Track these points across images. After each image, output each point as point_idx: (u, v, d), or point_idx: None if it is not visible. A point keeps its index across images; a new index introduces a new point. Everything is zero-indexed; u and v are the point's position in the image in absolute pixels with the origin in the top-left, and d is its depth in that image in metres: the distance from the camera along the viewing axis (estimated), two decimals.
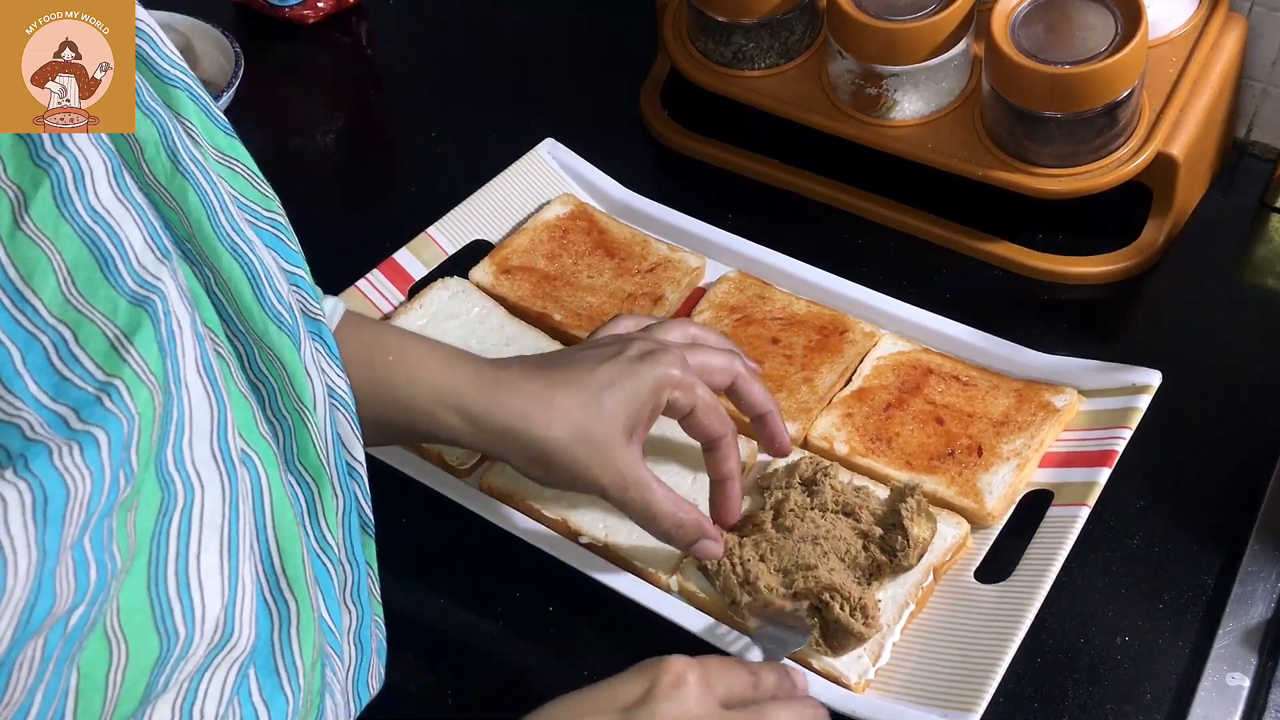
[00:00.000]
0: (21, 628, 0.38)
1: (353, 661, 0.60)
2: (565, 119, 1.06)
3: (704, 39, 1.02)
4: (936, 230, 0.97)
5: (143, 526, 0.44)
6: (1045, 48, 0.87)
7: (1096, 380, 0.83)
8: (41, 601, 0.38)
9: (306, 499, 0.55)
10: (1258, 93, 1.00)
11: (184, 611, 0.45)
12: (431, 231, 0.95)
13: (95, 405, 0.41)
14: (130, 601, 0.44)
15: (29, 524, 0.38)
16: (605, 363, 0.69)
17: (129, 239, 0.45)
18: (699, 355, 0.73)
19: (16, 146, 0.43)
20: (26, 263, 0.42)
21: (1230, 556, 0.77)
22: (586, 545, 0.77)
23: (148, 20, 0.53)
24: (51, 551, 0.38)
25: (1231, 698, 0.71)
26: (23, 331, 0.41)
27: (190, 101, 0.54)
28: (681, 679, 0.55)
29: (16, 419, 0.40)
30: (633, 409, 0.69)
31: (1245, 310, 0.93)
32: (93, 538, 0.40)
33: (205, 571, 0.46)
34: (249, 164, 0.57)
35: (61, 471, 0.39)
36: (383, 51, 1.22)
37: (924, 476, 0.79)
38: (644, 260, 0.94)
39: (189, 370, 0.46)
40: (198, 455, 0.46)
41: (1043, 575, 0.73)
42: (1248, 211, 0.99)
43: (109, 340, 0.43)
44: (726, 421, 0.72)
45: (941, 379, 0.84)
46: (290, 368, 0.54)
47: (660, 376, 0.69)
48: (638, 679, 0.56)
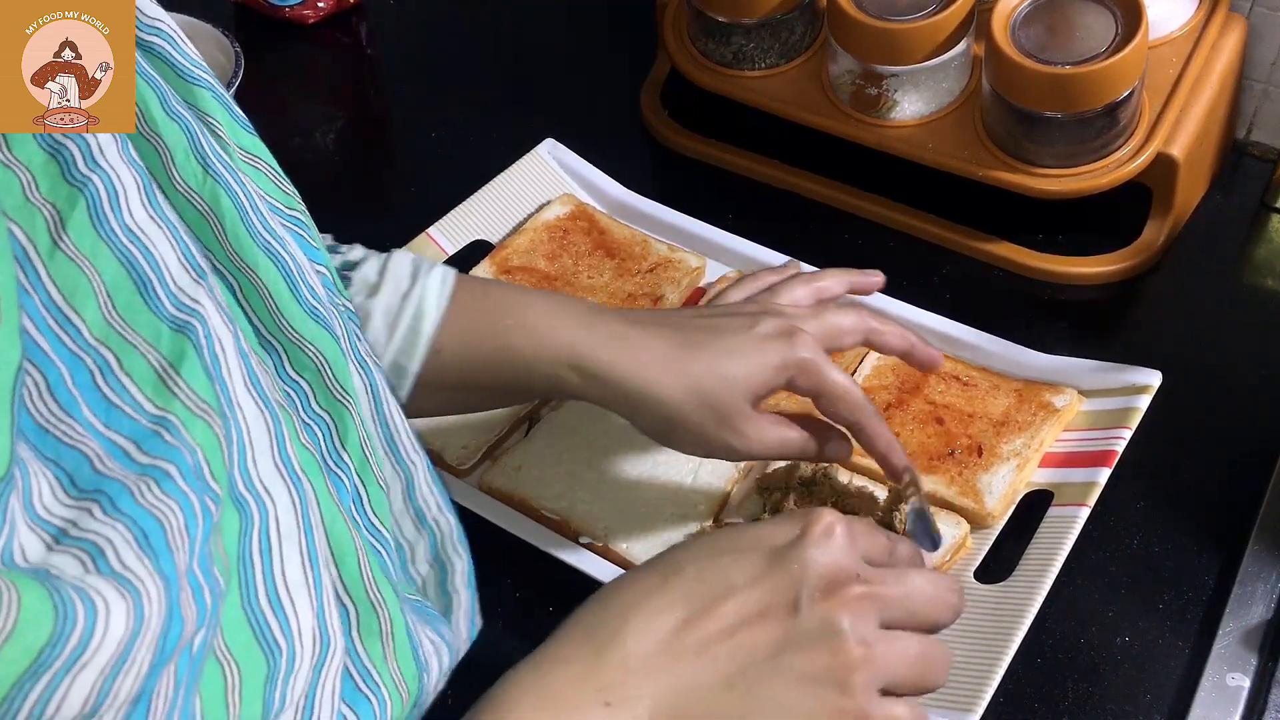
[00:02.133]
0: (159, 655, 0.38)
1: (465, 602, 0.61)
2: (565, 119, 1.06)
3: (704, 39, 1.02)
4: (936, 230, 0.97)
5: (228, 549, 0.44)
6: (1045, 48, 0.88)
7: (1096, 380, 0.83)
8: (173, 628, 0.39)
9: (352, 491, 0.55)
10: (1258, 93, 1.00)
11: (281, 626, 0.46)
12: (431, 231, 0.96)
13: (155, 439, 0.41)
14: (231, 623, 0.44)
15: (142, 557, 0.38)
16: (736, 333, 0.69)
17: (164, 259, 0.45)
18: (828, 317, 0.72)
19: (48, 164, 0.42)
20: (68, 283, 0.41)
21: (1230, 556, 0.77)
22: (586, 545, 0.77)
23: (167, 20, 0.53)
24: (172, 578, 0.39)
25: (1231, 698, 0.71)
26: (68, 352, 0.41)
27: (214, 100, 0.54)
28: (831, 529, 0.54)
29: (79, 444, 0.40)
30: (756, 383, 0.68)
31: (1245, 310, 0.93)
32: (200, 563, 0.41)
33: (293, 585, 0.47)
34: (271, 161, 0.57)
35: (149, 508, 0.39)
36: (383, 51, 1.22)
37: (924, 476, 0.79)
38: (644, 260, 0.94)
39: (239, 390, 0.46)
40: (263, 472, 0.47)
41: (1043, 575, 0.73)
42: (1248, 212, 0.99)
43: (155, 371, 0.43)
44: (860, 407, 0.70)
45: (941, 379, 0.84)
46: (332, 360, 0.54)
47: (786, 358, 0.68)
48: (788, 524, 0.55)
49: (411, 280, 0.69)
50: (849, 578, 0.53)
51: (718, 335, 0.69)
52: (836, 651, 0.51)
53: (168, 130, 0.50)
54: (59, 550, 0.37)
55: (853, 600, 0.52)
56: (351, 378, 0.55)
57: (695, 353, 0.68)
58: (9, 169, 0.41)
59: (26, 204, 0.42)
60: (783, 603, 0.52)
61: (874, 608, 0.53)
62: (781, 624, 0.52)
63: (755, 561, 0.53)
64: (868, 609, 0.53)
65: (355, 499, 0.55)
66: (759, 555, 0.54)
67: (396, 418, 0.58)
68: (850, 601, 0.52)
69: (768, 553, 0.54)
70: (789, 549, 0.54)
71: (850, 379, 0.70)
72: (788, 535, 0.54)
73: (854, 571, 0.54)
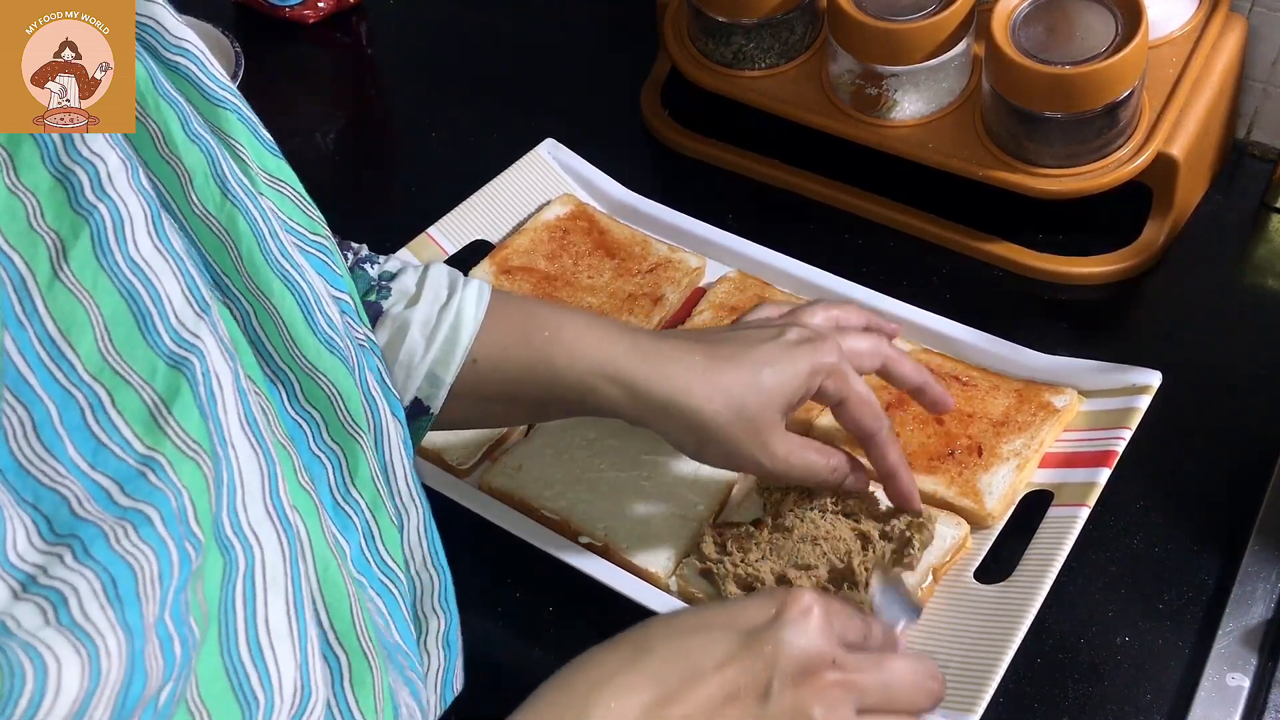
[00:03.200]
0: (118, 710, 0.37)
1: (441, 663, 0.60)
2: (565, 119, 1.06)
3: (704, 39, 1.02)
4: (936, 230, 0.97)
5: (209, 595, 0.43)
6: (1045, 48, 0.87)
7: (1096, 380, 0.83)
8: (135, 683, 0.37)
9: (363, 527, 0.54)
10: (1258, 93, 1.00)
11: (260, 678, 0.44)
12: (431, 231, 0.96)
13: (139, 480, 0.40)
14: (207, 673, 0.43)
15: (106, 608, 0.37)
16: (765, 344, 0.70)
17: (167, 293, 0.44)
18: (846, 340, 0.73)
19: (55, 190, 0.42)
20: (64, 316, 0.41)
21: (1230, 556, 0.77)
22: (586, 545, 0.77)
23: (194, 40, 0.52)
24: (137, 631, 0.38)
25: (1231, 698, 0.71)
26: (59, 388, 0.40)
27: (239, 123, 0.53)
28: (808, 611, 0.53)
29: (60, 486, 0.39)
30: (789, 391, 0.69)
31: (1245, 310, 0.93)
32: (172, 613, 0.40)
33: (275, 634, 0.45)
34: (296, 185, 0.56)
35: (123, 555, 0.38)
36: (383, 51, 1.22)
37: (924, 476, 0.79)
38: (644, 260, 0.94)
39: (233, 429, 0.45)
40: (253, 516, 0.45)
41: (1043, 575, 0.73)
42: (1248, 211, 0.99)
43: (147, 407, 0.42)
44: (880, 418, 0.72)
45: (942, 379, 0.84)
46: (345, 393, 0.53)
47: (816, 363, 0.69)
48: (763, 604, 0.54)
49: (449, 291, 0.70)
50: (824, 664, 0.52)
51: (748, 347, 0.69)
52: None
53: (188, 153, 0.49)
54: (23, 599, 0.36)
55: (827, 688, 0.51)
56: (363, 412, 0.54)
57: (727, 365, 0.68)
58: (14, 195, 0.41)
59: (30, 232, 0.41)
60: (754, 688, 0.51)
61: (849, 695, 0.52)
62: (751, 710, 0.51)
63: (727, 642, 0.52)
64: (842, 697, 0.52)
65: (367, 536, 0.54)
66: (732, 636, 0.52)
67: (397, 462, 0.57)
68: (825, 689, 0.51)
69: (741, 633, 0.53)
70: (764, 630, 0.52)
71: (871, 393, 0.71)
72: (763, 615, 0.53)
73: (829, 657, 0.52)
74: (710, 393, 0.67)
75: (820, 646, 0.52)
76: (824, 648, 0.52)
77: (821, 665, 0.52)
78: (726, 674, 0.51)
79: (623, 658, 0.52)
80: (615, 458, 0.81)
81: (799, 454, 0.70)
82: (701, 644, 0.52)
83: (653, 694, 0.51)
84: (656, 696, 0.51)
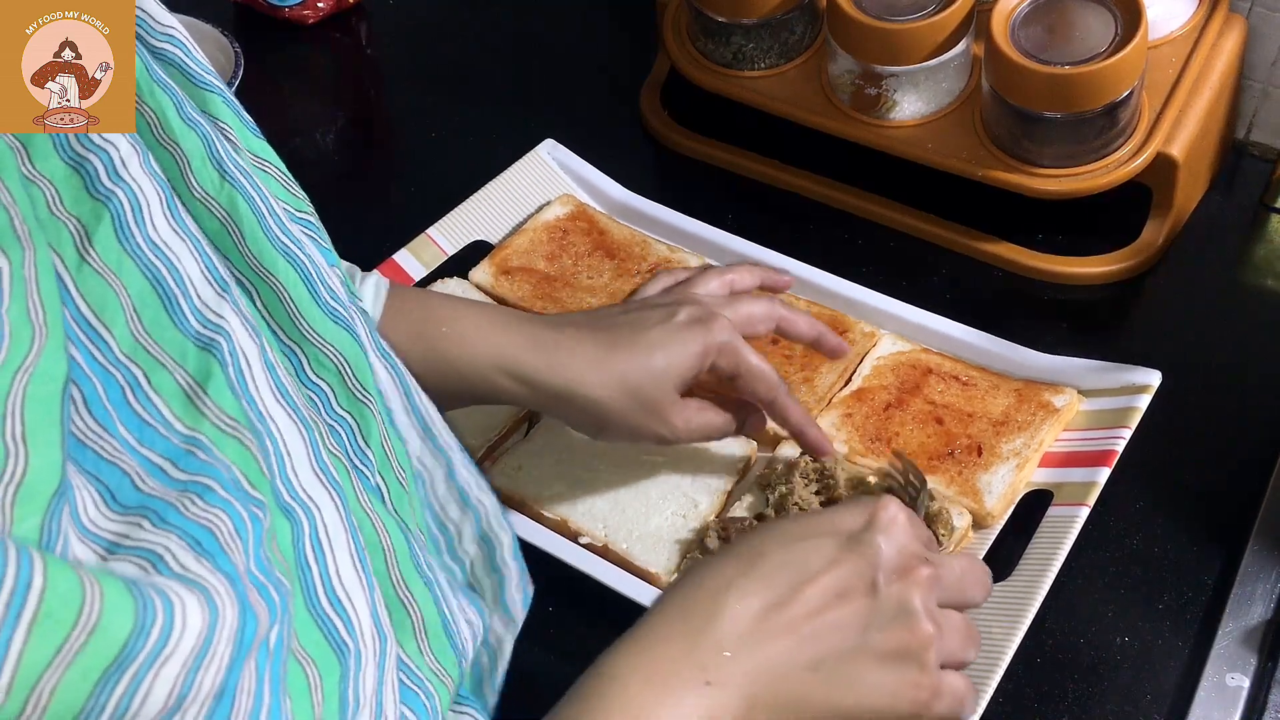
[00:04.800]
0: (238, 649, 0.38)
1: (494, 586, 0.62)
2: (565, 119, 1.06)
3: (704, 39, 1.02)
4: (936, 230, 0.97)
5: (284, 554, 0.45)
6: (1045, 48, 0.87)
7: (1096, 380, 0.83)
8: (249, 623, 0.39)
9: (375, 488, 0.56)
10: (1258, 93, 1.00)
11: (345, 626, 0.47)
12: (431, 232, 0.96)
13: (190, 457, 0.42)
14: (302, 624, 0.46)
15: (201, 560, 0.39)
16: (656, 327, 0.73)
17: (188, 273, 0.45)
18: (741, 306, 0.76)
19: (71, 178, 0.43)
20: (97, 298, 0.42)
21: (1230, 556, 0.77)
22: (586, 545, 0.77)
23: (179, 28, 0.53)
24: (235, 577, 0.39)
25: (1231, 698, 0.71)
26: (99, 367, 0.41)
27: (225, 106, 0.54)
28: (896, 517, 0.57)
29: (118, 461, 0.40)
30: (681, 370, 0.72)
31: (1245, 310, 0.93)
32: (258, 566, 0.41)
33: (349, 586, 0.48)
34: (280, 165, 0.58)
35: (197, 519, 0.40)
36: (383, 51, 1.22)
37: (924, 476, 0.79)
38: (644, 261, 0.94)
39: (268, 403, 0.47)
40: (304, 480, 0.48)
41: (1043, 575, 0.73)
42: (1248, 211, 0.99)
43: (183, 390, 0.43)
44: (775, 384, 0.75)
45: (941, 379, 0.84)
46: (353, 361, 0.54)
47: (707, 343, 0.72)
48: (856, 512, 0.58)
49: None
50: (919, 560, 0.56)
51: (640, 331, 0.72)
52: (914, 630, 0.55)
53: (185, 137, 0.50)
54: (115, 559, 0.37)
55: (924, 580, 0.56)
56: (373, 375, 0.55)
57: (620, 351, 0.71)
58: (32, 183, 0.41)
59: (52, 218, 0.42)
60: (861, 584, 0.55)
61: (937, 588, 0.57)
62: (862, 604, 0.55)
63: (831, 546, 0.56)
64: (933, 587, 0.56)
65: (378, 496, 0.56)
66: (834, 540, 0.56)
67: (428, 406, 0.60)
68: (921, 582, 0.56)
69: (842, 538, 0.56)
70: (861, 534, 0.56)
71: (765, 360, 0.74)
72: (858, 521, 0.57)
73: (921, 555, 0.57)
74: (605, 380, 0.71)
75: (911, 546, 0.57)
76: (916, 548, 0.57)
77: (916, 562, 0.56)
78: (836, 574, 0.55)
79: (739, 566, 0.56)
80: (615, 458, 0.81)
81: (697, 418, 0.74)
82: (809, 549, 0.56)
83: (772, 595, 0.54)
84: (775, 598, 0.54)
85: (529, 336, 0.72)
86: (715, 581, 0.55)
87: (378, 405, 0.56)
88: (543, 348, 0.71)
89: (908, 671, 0.55)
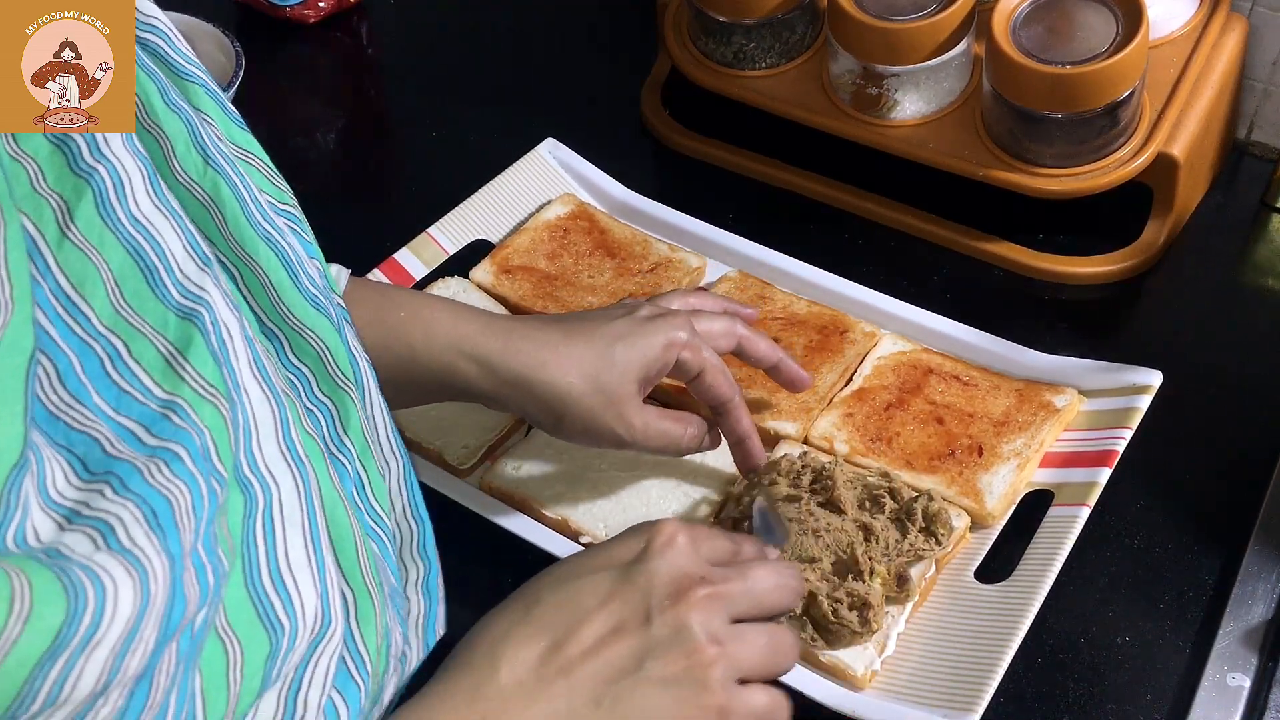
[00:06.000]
0: (163, 632, 0.39)
1: (422, 609, 0.62)
2: (565, 119, 1.06)
3: (704, 39, 1.02)
4: (936, 230, 0.97)
5: (233, 530, 0.46)
6: (1046, 48, 0.87)
7: (1097, 380, 0.83)
8: (177, 606, 0.40)
9: (355, 477, 0.57)
10: (1258, 93, 1.00)
11: (284, 605, 0.48)
12: (432, 231, 0.96)
13: (164, 422, 0.42)
14: (233, 602, 0.46)
15: (150, 535, 0.39)
16: (619, 320, 0.72)
17: (170, 248, 0.46)
18: (702, 322, 0.75)
19: (54, 155, 0.43)
20: (77, 272, 0.42)
21: (1230, 556, 0.77)
22: (586, 545, 0.77)
23: (163, 18, 0.54)
24: (177, 557, 0.40)
25: (1231, 698, 0.71)
26: (78, 340, 0.42)
27: (207, 96, 0.55)
28: (673, 539, 0.57)
29: (89, 429, 0.41)
30: (643, 364, 0.71)
31: (1245, 310, 0.93)
32: (204, 543, 0.42)
33: (296, 566, 0.49)
34: (262, 156, 0.58)
35: (159, 488, 0.40)
36: (383, 51, 1.22)
37: (924, 476, 0.79)
38: (644, 260, 0.94)
39: (245, 375, 0.48)
40: (268, 455, 0.48)
41: (1043, 575, 0.73)
42: (1248, 211, 0.99)
43: (163, 356, 0.44)
44: (733, 385, 0.74)
45: (942, 379, 0.84)
46: (332, 348, 0.55)
47: (670, 337, 0.72)
48: (633, 540, 0.58)
49: None
50: (694, 581, 0.56)
51: (602, 324, 0.72)
52: (691, 653, 0.54)
53: (169, 121, 0.50)
54: (70, 529, 0.38)
55: (700, 601, 0.55)
56: (349, 365, 0.56)
57: (581, 340, 0.71)
58: (16, 161, 0.42)
59: (34, 194, 0.42)
60: (635, 615, 0.55)
61: (720, 605, 0.56)
62: (636, 636, 0.54)
63: (605, 580, 0.56)
64: (715, 607, 0.56)
65: (357, 485, 0.57)
66: (608, 574, 0.56)
67: (378, 415, 0.59)
68: (697, 603, 0.55)
69: (617, 570, 0.56)
70: (635, 564, 0.56)
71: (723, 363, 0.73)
72: (634, 550, 0.57)
73: (698, 574, 0.56)
74: (565, 366, 0.70)
75: (688, 567, 0.56)
76: (691, 568, 0.56)
77: (691, 584, 0.56)
78: (609, 609, 0.55)
79: (516, 614, 0.56)
80: (615, 458, 0.81)
81: (656, 424, 0.72)
82: (583, 587, 0.56)
83: (548, 640, 0.54)
84: (552, 641, 0.54)
85: (488, 323, 0.71)
86: (494, 632, 0.55)
87: (357, 393, 0.56)
88: (502, 333, 0.71)
89: (690, 696, 0.54)
